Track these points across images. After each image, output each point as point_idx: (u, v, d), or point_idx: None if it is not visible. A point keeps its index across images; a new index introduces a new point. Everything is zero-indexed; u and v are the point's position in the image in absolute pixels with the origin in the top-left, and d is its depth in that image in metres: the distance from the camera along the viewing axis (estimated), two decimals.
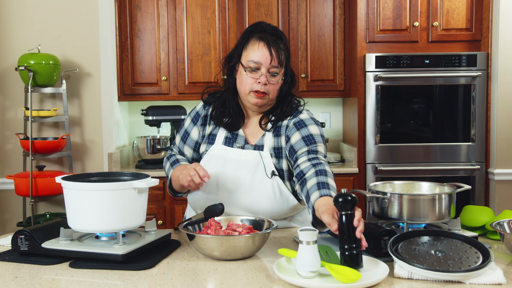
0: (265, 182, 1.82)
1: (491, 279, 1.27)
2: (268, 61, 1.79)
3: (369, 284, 1.25)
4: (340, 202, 1.34)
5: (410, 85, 3.44)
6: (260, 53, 1.79)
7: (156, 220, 3.24)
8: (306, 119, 1.86)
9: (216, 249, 1.46)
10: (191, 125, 1.98)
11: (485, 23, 3.42)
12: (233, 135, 1.90)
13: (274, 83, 1.81)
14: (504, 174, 3.37)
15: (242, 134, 1.90)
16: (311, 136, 1.81)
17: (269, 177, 1.82)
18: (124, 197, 1.48)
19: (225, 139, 1.89)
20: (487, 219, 1.73)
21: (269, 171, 1.82)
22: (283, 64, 1.82)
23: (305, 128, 1.83)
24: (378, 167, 3.42)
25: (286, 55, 1.85)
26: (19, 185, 3.08)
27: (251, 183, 1.81)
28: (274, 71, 1.81)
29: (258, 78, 1.80)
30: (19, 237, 1.53)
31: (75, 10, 3.31)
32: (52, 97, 3.38)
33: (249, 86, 1.81)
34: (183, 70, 3.70)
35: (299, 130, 1.83)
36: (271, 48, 1.79)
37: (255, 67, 1.80)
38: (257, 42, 1.81)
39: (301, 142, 1.79)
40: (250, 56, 1.81)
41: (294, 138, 1.82)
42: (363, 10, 3.43)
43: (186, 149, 1.98)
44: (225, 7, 3.67)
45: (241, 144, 1.88)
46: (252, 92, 1.82)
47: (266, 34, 1.83)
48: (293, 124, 1.85)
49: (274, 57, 1.79)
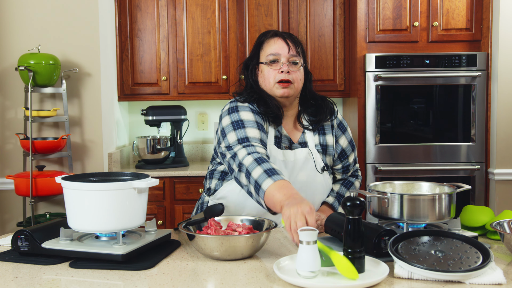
0: (317, 177, 1.89)
1: (491, 279, 1.27)
2: (286, 50, 1.84)
3: (369, 284, 1.25)
4: (348, 207, 1.34)
5: (410, 85, 3.44)
6: (277, 46, 1.86)
7: (156, 220, 3.24)
8: (343, 120, 2.03)
9: (216, 249, 1.46)
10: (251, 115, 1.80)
11: (485, 23, 3.42)
12: (280, 135, 1.90)
13: (296, 70, 1.85)
14: (504, 174, 3.37)
15: (286, 133, 1.92)
16: (352, 141, 2.03)
17: (320, 172, 1.89)
18: (124, 197, 1.48)
19: (274, 139, 1.89)
20: (487, 219, 1.73)
21: (320, 167, 1.89)
22: (301, 54, 1.88)
23: (347, 132, 2.02)
24: (378, 167, 3.42)
25: (303, 50, 1.91)
26: (19, 185, 3.08)
27: (304, 181, 1.86)
28: (294, 60, 1.86)
29: (280, 68, 1.84)
30: (19, 237, 1.53)
31: (75, 10, 3.31)
32: (52, 97, 3.38)
33: (273, 78, 1.84)
34: (183, 70, 3.70)
35: (344, 133, 2.00)
36: (287, 40, 1.86)
37: (274, 59, 1.85)
38: (272, 39, 1.89)
39: (349, 147, 2.01)
40: (267, 51, 1.87)
41: (343, 141, 1.99)
42: (363, 10, 3.43)
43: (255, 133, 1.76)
44: (225, 7, 3.67)
45: (287, 144, 1.90)
46: (276, 84, 1.84)
47: (280, 32, 1.92)
48: (337, 126, 1.99)
49: (291, 47, 1.85)
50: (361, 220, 1.34)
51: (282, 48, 1.84)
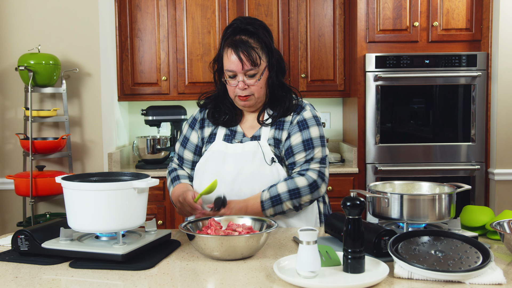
0: (265, 169, 1.87)
1: (491, 279, 1.27)
2: (240, 67, 1.84)
3: (369, 284, 1.25)
4: (348, 207, 1.34)
5: (410, 85, 3.44)
6: (231, 61, 1.85)
7: (156, 220, 3.24)
8: (309, 118, 1.92)
9: (216, 249, 1.46)
10: (189, 130, 2.05)
11: (485, 23, 3.42)
12: (231, 132, 1.95)
13: (253, 84, 1.86)
14: (504, 174, 3.37)
15: (240, 130, 1.96)
16: (311, 140, 1.89)
17: (269, 164, 1.87)
18: (124, 197, 1.48)
19: (224, 136, 1.95)
20: (487, 219, 1.73)
21: (269, 158, 1.88)
22: (258, 63, 1.85)
23: (307, 130, 1.90)
24: (378, 167, 3.42)
25: (266, 50, 1.87)
26: (19, 185, 3.08)
27: (251, 172, 1.86)
28: (251, 73, 1.86)
29: (237, 85, 1.86)
30: (19, 237, 1.53)
31: (75, 10, 3.31)
32: (52, 97, 3.38)
33: (233, 93, 1.90)
34: (183, 70, 3.70)
35: (301, 131, 1.90)
36: (240, 54, 1.83)
37: (232, 75, 1.87)
38: (227, 50, 1.87)
39: (300, 145, 1.89)
40: (226, 65, 1.88)
41: (295, 139, 1.90)
42: (363, 10, 3.43)
43: (186, 153, 2.03)
44: (225, 7, 3.67)
45: (239, 139, 1.94)
46: (237, 97, 1.89)
47: (237, 36, 1.86)
48: (296, 123, 1.91)
49: (245, 62, 1.83)
50: (361, 220, 1.34)
51: (236, 65, 1.84)
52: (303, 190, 1.83)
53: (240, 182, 1.86)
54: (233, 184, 1.86)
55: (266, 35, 1.89)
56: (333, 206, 2.67)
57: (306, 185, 1.83)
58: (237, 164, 1.87)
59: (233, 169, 1.87)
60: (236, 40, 1.85)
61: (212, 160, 1.91)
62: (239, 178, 1.86)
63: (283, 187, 1.82)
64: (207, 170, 1.91)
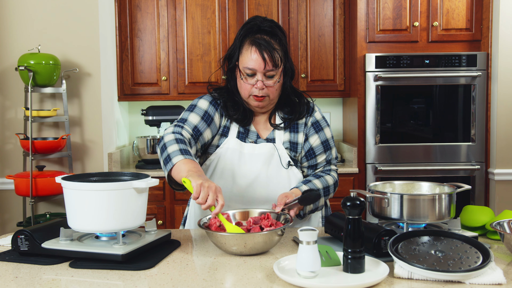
0: (281, 173, 1.87)
1: (491, 279, 1.27)
2: (262, 66, 1.80)
3: (369, 284, 1.25)
4: (348, 207, 1.34)
5: (410, 85, 3.44)
6: (253, 60, 1.80)
7: (156, 220, 3.24)
8: (320, 120, 1.96)
9: (236, 245, 1.49)
10: (203, 102, 1.90)
11: (485, 23, 3.42)
12: (245, 130, 1.92)
13: (271, 85, 1.83)
14: (504, 174, 3.37)
15: (254, 129, 1.93)
16: (327, 141, 1.95)
17: (285, 168, 1.87)
18: (124, 197, 1.48)
19: (238, 133, 1.91)
20: (487, 219, 1.73)
21: (285, 162, 1.87)
22: (279, 65, 1.82)
23: (322, 131, 1.96)
24: (378, 167, 3.42)
25: (283, 53, 1.85)
26: (19, 185, 3.08)
27: (267, 175, 1.85)
28: (270, 74, 1.82)
29: (255, 84, 1.82)
30: (19, 237, 1.53)
31: (75, 10, 3.31)
32: (52, 97, 3.38)
33: (248, 91, 1.85)
34: (183, 70, 3.70)
35: (318, 133, 1.94)
36: (264, 53, 1.79)
37: (251, 73, 1.82)
38: (250, 47, 1.82)
39: (320, 147, 1.94)
40: (245, 63, 1.82)
41: (314, 140, 1.93)
42: (363, 10, 3.43)
43: (192, 116, 1.87)
44: (225, 7, 3.67)
45: (254, 139, 1.91)
46: (251, 96, 1.85)
47: (260, 34, 1.83)
48: (311, 125, 1.94)
49: (268, 61, 1.80)
50: (361, 220, 1.34)
51: (258, 64, 1.79)
52: (331, 188, 1.90)
53: (256, 184, 1.84)
54: (250, 186, 1.84)
55: (284, 39, 1.87)
56: (333, 206, 2.67)
57: (333, 184, 1.92)
58: (253, 166, 1.85)
59: (249, 170, 1.85)
60: (259, 38, 1.81)
61: (227, 158, 1.87)
62: (256, 180, 1.85)
63: (319, 183, 1.85)
64: (222, 168, 1.87)
